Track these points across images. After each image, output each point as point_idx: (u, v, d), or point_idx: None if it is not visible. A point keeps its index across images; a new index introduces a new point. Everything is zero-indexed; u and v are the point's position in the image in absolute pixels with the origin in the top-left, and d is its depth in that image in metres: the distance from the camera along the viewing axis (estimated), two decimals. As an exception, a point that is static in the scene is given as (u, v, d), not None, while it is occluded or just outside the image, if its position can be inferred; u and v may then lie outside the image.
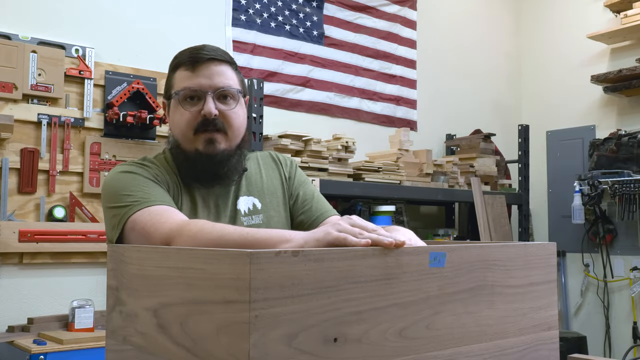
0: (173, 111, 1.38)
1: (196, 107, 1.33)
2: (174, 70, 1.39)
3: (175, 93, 1.35)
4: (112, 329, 1.10)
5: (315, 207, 1.47)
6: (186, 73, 1.35)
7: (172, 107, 1.38)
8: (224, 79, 1.35)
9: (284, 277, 0.76)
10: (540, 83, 4.80)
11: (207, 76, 1.33)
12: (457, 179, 3.66)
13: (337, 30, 3.77)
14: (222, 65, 1.36)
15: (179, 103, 1.35)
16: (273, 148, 2.93)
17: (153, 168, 1.35)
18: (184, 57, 1.37)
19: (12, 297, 2.54)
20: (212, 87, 1.33)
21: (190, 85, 1.33)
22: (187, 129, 1.34)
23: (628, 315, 4.09)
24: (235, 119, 1.36)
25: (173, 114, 1.38)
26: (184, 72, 1.35)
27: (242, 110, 1.40)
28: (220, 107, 1.34)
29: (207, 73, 1.34)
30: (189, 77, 1.34)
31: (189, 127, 1.33)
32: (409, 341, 0.88)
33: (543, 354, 1.10)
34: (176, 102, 1.36)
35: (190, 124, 1.33)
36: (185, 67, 1.35)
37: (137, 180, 1.28)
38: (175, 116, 1.36)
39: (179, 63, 1.37)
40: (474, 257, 0.99)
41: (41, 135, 2.62)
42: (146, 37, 3.00)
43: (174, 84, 1.37)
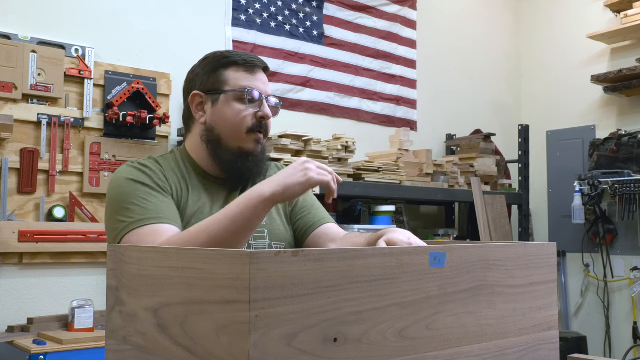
0: (225, 106, 1.38)
1: (253, 107, 1.38)
2: (224, 67, 1.40)
3: (231, 90, 1.38)
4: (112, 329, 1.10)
5: (313, 213, 1.50)
6: (244, 74, 1.39)
7: (223, 102, 1.38)
8: (270, 89, 1.45)
9: (284, 277, 0.76)
10: (540, 83, 4.80)
11: (263, 82, 1.43)
12: (457, 179, 3.66)
13: (337, 30, 3.77)
14: (267, 76, 1.46)
15: (236, 100, 1.38)
16: (273, 148, 2.93)
17: (157, 171, 1.34)
18: (240, 58, 1.41)
19: (12, 297, 2.54)
20: (266, 93, 1.42)
21: (253, 86, 1.39)
22: (242, 126, 1.37)
23: (628, 315, 4.09)
24: (271, 125, 1.45)
25: (224, 108, 1.38)
26: (241, 72, 1.39)
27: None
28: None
29: (263, 79, 1.43)
30: (248, 79, 1.39)
31: (244, 124, 1.37)
32: (409, 341, 0.88)
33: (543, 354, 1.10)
34: (233, 98, 1.38)
35: (246, 122, 1.37)
36: (243, 67, 1.40)
37: (138, 192, 1.29)
38: (228, 111, 1.38)
39: (232, 62, 1.40)
40: (474, 257, 0.99)
41: (41, 135, 2.63)
42: (146, 37, 3.00)
43: (227, 80, 1.39)
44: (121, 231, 1.26)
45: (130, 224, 1.25)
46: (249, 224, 1.17)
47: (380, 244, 1.18)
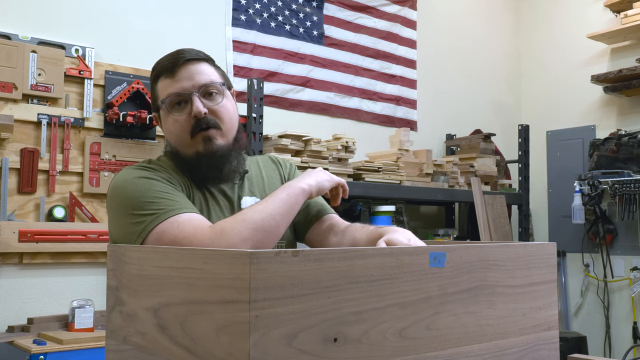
0: (164, 121, 1.37)
1: (185, 110, 1.33)
2: (155, 81, 1.39)
3: (162, 102, 1.35)
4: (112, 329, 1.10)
5: (313, 205, 1.49)
6: (167, 80, 1.35)
7: (163, 117, 1.38)
8: (205, 76, 1.35)
9: (284, 277, 0.76)
10: (540, 83, 4.80)
11: (187, 77, 1.34)
12: (457, 179, 3.66)
13: (337, 30, 3.77)
14: (199, 63, 1.37)
15: (167, 112, 1.35)
16: (273, 148, 2.93)
17: (162, 172, 1.33)
18: (161, 66, 1.37)
19: (12, 297, 2.54)
20: (195, 87, 1.34)
21: (173, 90, 1.33)
22: (183, 134, 1.34)
23: (628, 315, 4.09)
24: (225, 112, 1.37)
25: (165, 123, 1.37)
26: (165, 80, 1.36)
27: (230, 103, 1.40)
28: (207, 105, 1.34)
29: (187, 75, 1.34)
30: (170, 84, 1.34)
31: (184, 131, 1.33)
32: (409, 341, 0.88)
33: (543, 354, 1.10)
34: (165, 111, 1.36)
35: (185, 128, 1.33)
36: (164, 75, 1.36)
37: (157, 187, 1.25)
38: (168, 125, 1.36)
39: (159, 73, 1.37)
40: (474, 257, 0.99)
41: (41, 135, 2.62)
42: (146, 37, 3.00)
43: (159, 94, 1.37)
44: (145, 227, 1.18)
45: (158, 216, 1.18)
46: (290, 211, 1.25)
47: (380, 244, 1.18)
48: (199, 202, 1.35)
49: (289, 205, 1.24)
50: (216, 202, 1.37)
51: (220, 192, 1.39)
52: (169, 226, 1.17)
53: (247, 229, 1.14)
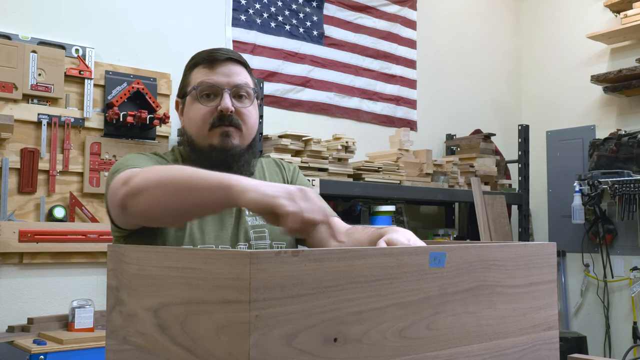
0: (189, 107, 1.38)
1: (213, 102, 1.35)
2: (191, 69, 1.40)
3: (193, 88, 1.36)
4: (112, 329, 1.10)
5: None
6: (204, 71, 1.37)
7: (188, 104, 1.39)
8: (241, 78, 1.38)
9: (284, 277, 0.76)
10: (540, 83, 4.80)
11: (225, 74, 1.36)
12: (457, 179, 3.66)
13: (337, 30, 3.77)
14: (238, 65, 1.39)
15: (195, 99, 1.36)
16: (273, 148, 2.93)
17: (160, 160, 1.37)
18: (201, 57, 1.39)
19: (12, 297, 2.54)
20: (229, 85, 1.36)
21: (208, 80, 1.35)
22: (203, 123, 1.35)
23: (628, 315, 4.09)
24: (249, 117, 1.39)
25: (188, 109, 1.39)
26: (202, 69, 1.37)
27: (255, 111, 1.42)
28: (236, 105, 1.36)
29: (225, 71, 1.36)
30: (206, 74, 1.36)
31: (205, 122, 1.35)
32: (409, 341, 0.88)
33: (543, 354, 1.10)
34: (192, 98, 1.37)
35: (206, 118, 1.35)
36: (203, 65, 1.38)
37: (141, 158, 1.30)
38: (191, 111, 1.37)
39: (197, 62, 1.39)
40: (474, 257, 0.99)
41: (41, 135, 2.63)
42: (146, 37, 3.00)
43: (191, 81, 1.39)
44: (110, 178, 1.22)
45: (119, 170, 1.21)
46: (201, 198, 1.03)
47: (380, 244, 1.18)
48: None
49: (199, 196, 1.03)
50: None
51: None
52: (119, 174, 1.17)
53: (154, 177, 1.09)
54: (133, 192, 1.10)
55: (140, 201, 1.10)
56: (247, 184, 0.98)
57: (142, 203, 1.10)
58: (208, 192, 1.01)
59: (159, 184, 1.07)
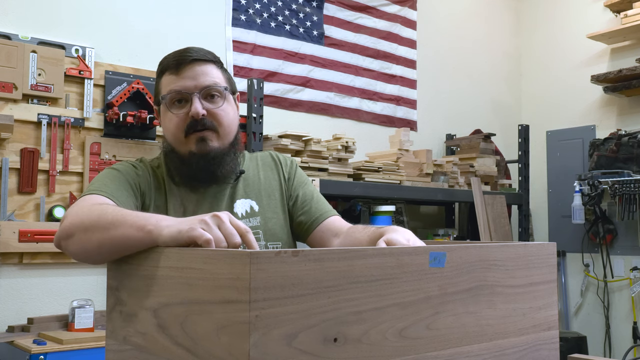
0: (163, 116, 1.39)
1: (184, 109, 1.34)
2: (160, 75, 1.39)
3: (162, 98, 1.36)
4: (112, 329, 1.10)
5: (315, 207, 1.47)
6: (171, 77, 1.36)
7: (162, 112, 1.39)
8: (209, 78, 1.36)
9: (284, 277, 0.76)
10: (540, 83, 4.80)
11: (191, 77, 1.34)
12: (457, 179, 3.66)
13: (337, 30, 3.77)
14: (206, 64, 1.37)
15: (166, 107, 1.36)
16: (273, 148, 2.93)
17: (140, 169, 1.36)
18: (168, 61, 1.37)
19: (12, 297, 2.54)
20: (197, 87, 1.34)
21: (175, 87, 1.34)
22: (177, 131, 1.35)
23: (628, 315, 4.09)
24: (224, 116, 1.37)
25: (163, 118, 1.39)
26: (169, 76, 1.36)
27: (231, 108, 1.40)
28: (207, 107, 1.35)
29: (191, 74, 1.35)
30: (173, 80, 1.35)
31: (179, 129, 1.34)
32: (409, 341, 0.88)
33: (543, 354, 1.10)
34: (164, 107, 1.37)
35: (180, 126, 1.34)
36: (169, 71, 1.36)
37: (110, 175, 1.31)
38: (165, 120, 1.37)
39: (164, 68, 1.38)
40: (474, 257, 0.99)
41: (41, 135, 2.62)
42: (146, 37, 3.00)
43: (161, 89, 1.38)
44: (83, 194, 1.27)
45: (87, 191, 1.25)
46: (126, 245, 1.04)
47: (380, 244, 1.17)
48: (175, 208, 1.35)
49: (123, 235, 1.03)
50: (199, 209, 1.37)
51: (212, 193, 1.39)
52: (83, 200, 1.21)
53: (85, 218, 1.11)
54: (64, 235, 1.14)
55: (70, 244, 1.13)
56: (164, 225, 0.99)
57: (72, 246, 1.13)
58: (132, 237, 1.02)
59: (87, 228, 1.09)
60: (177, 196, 1.37)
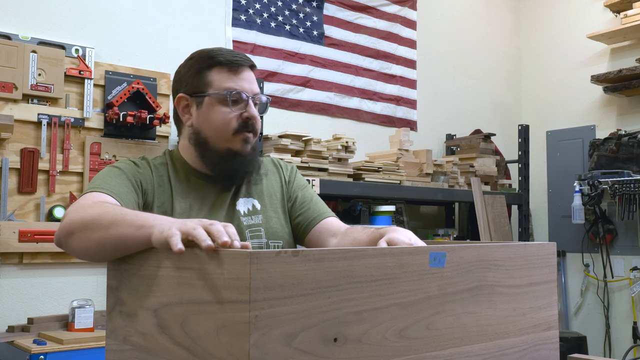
0: (209, 108, 1.38)
1: (237, 108, 1.38)
2: (208, 68, 1.40)
3: (221, 92, 1.37)
4: (112, 329, 1.10)
5: (313, 209, 1.50)
6: (228, 75, 1.38)
7: (208, 105, 1.38)
8: (257, 86, 1.44)
9: (284, 277, 0.76)
10: (540, 83, 4.80)
11: (248, 81, 1.41)
12: (457, 179, 3.66)
13: (337, 30, 3.77)
14: (253, 72, 1.45)
15: (220, 102, 1.37)
16: (273, 148, 2.93)
17: (142, 167, 1.38)
18: (224, 57, 1.39)
19: (12, 297, 2.54)
20: (252, 92, 1.40)
21: (237, 87, 1.38)
22: (227, 128, 1.37)
23: (628, 315, 4.09)
24: (259, 124, 1.44)
25: (209, 111, 1.38)
26: (224, 73, 1.38)
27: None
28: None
29: (248, 78, 1.41)
30: (231, 79, 1.38)
31: (230, 126, 1.37)
32: (409, 341, 0.88)
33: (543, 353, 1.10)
34: (216, 101, 1.37)
35: (232, 124, 1.37)
36: (226, 68, 1.39)
37: (111, 173, 1.33)
38: (213, 114, 1.37)
39: (216, 62, 1.39)
40: (474, 257, 0.99)
41: (41, 135, 2.62)
42: (146, 37, 3.00)
43: (211, 82, 1.38)
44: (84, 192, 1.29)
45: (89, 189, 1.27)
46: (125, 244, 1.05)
47: (380, 244, 1.18)
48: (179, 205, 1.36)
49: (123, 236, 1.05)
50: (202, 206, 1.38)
51: (216, 191, 1.41)
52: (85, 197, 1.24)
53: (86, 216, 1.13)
54: (64, 233, 1.15)
55: (70, 242, 1.15)
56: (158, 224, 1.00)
57: (72, 244, 1.15)
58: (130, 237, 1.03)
59: (87, 227, 1.11)
60: (182, 193, 1.38)
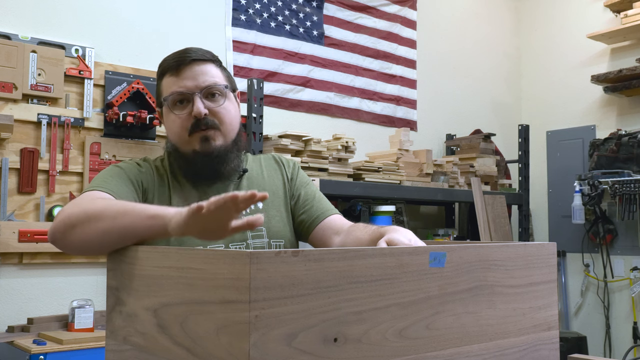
0: (166, 117, 1.41)
1: (186, 109, 1.36)
2: (160, 77, 1.42)
3: (164, 99, 1.38)
4: (112, 329, 1.10)
5: (316, 206, 1.49)
6: (172, 78, 1.38)
7: (165, 114, 1.41)
8: (209, 77, 1.38)
9: (284, 277, 0.76)
10: (540, 83, 4.80)
11: (191, 77, 1.37)
12: (457, 179, 3.66)
13: (337, 30, 3.77)
14: (205, 64, 1.40)
15: (169, 109, 1.38)
16: (273, 148, 2.93)
17: (144, 167, 1.39)
18: (168, 63, 1.40)
19: (12, 297, 2.54)
20: (198, 87, 1.36)
21: (176, 89, 1.36)
22: (181, 132, 1.37)
23: (628, 316, 4.09)
24: (225, 114, 1.39)
25: (166, 120, 1.41)
26: (169, 77, 1.38)
27: (232, 105, 1.42)
28: (209, 106, 1.37)
29: (191, 74, 1.37)
30: (174, 82, 1.37)
31: (183, 129, 1.36)
32: (409, 341, 0.88)
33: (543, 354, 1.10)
34: (167, 108, 1.39)
35: (183, 126, 1.36)
36: (170, 72, 1.38)
37: (112, 172, 1.33)
38: (169, 122, 1.40)
39: (164, 70, 1.40)
40: (474, 257, 0.99)
41: (41, 135, 2.62)
42: (146, 37, 3.00)
43: (162, 91, 1.40)
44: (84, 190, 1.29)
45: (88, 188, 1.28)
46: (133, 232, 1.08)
47: (380, 244, 1.17)
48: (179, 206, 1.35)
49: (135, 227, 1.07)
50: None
51: (215, 191, 1.40)
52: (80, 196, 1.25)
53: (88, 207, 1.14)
54: (62, 227, 1.15)
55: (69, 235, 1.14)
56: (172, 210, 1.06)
57: (71, 237, 1.14)
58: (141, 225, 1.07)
59: (90, 218, 1.11)
60: (181, 194, 1.38)
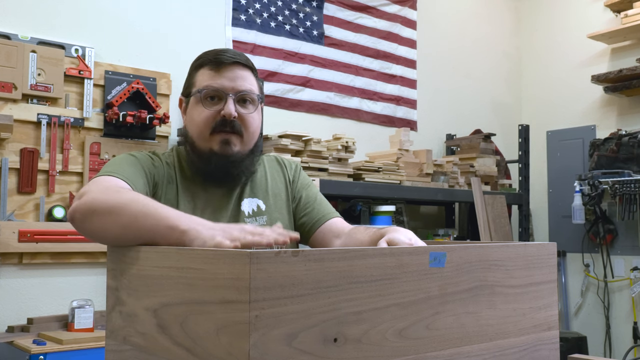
0: (192, 108, 1.38)
1: (216, 106, 1.35)
2: (196, 69, 1.40)
3: (198, 91, 1.36)
4: (112, 329, 1.10)
5: (317, 209, 1.49)
6: (210, 73, 1.37)
7: (192, 105, 1.39)
8: (246, 83, 1.38)
9: (284, 277, 0.76)
10: (540, 83, 4.80)
11: (230, 78, 1.36)
12: (457, 179, 3.66)
13: (337, 30, 3.77)
14: (245, 70, 1.40)
15: (199, 101, 1.36)
16: (273, 148, 2.93)
17: (156, 161, 1.37)
18: (208, 57, 1.38)
19: (12, 297, 2.54)
20: (234, 90, 1.35)
21: (213, 84, 1.35)
22: (204, 127, 1.35)
23: (628, 316, 4.09)
24: (252, 122, 1.38)
25: (192, 111, 1.38)
26: (207, 71, 1.37)
27: (258, 116, 1.42)
28: (239, 110, 1.36)
29: (230, 75, 1.36)
30: (212, 77, 1.36)
31: (207, 125, 1.35)
32: (409, 341, 0.88)
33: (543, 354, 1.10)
34: (196, 99, 1.37)
35: (208, 122, 1.35)
36: (209, 67, 1.37)
37: (128, 160, 1.32)
38: (194, 113, 1.37)
39: (203, 62, 1.39)
40: (474, 257, 0.99)
41: (41, 135, 2.62)
42: (146, 37, 3.00)
43: (196, 82, 1.39)
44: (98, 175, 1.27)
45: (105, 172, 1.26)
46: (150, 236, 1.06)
47: (381, 244, 1.17)
48: (185, 203, 1.35)
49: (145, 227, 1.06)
50: (207, 206, 1.37)
51: (216, 195, 1.40)
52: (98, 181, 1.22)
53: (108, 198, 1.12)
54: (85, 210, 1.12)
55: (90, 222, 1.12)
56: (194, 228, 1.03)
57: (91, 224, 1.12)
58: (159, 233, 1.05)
59: (112, 210, 1.09)
60: (188, 192, 1.38)
